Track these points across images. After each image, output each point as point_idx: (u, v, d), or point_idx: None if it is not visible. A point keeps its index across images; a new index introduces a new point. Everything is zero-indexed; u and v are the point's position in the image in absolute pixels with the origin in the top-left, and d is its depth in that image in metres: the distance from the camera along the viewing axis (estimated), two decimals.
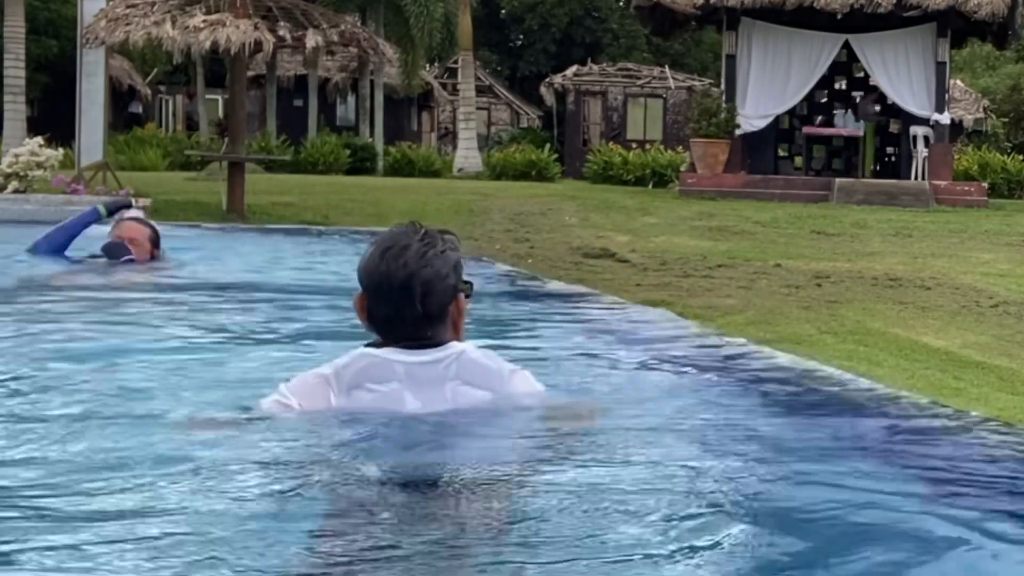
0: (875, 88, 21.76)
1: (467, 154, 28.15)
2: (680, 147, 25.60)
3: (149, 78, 35.98)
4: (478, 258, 8.37)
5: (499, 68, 44.92)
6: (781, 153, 23.32)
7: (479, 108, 33.43)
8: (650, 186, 22.93)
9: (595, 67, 35.21)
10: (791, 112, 22.07)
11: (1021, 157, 24.53)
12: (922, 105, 20.69)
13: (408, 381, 2.63)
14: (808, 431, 2.89)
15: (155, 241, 7.08)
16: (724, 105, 20.87)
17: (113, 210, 7.31)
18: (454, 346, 2.70)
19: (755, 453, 2.55)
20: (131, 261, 6.78)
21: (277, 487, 2.26)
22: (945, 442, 2.80)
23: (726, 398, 3.29)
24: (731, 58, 21.20)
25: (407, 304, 2.64)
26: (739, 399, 3.28)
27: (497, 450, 2.58)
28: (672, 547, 1.91)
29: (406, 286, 2.63)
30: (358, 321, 2.73)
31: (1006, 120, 36.88)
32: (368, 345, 2.72)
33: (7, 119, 19.30)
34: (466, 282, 2.76)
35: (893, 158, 22.54)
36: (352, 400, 2.63)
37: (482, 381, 2.70)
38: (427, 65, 36.50)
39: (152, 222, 7.42)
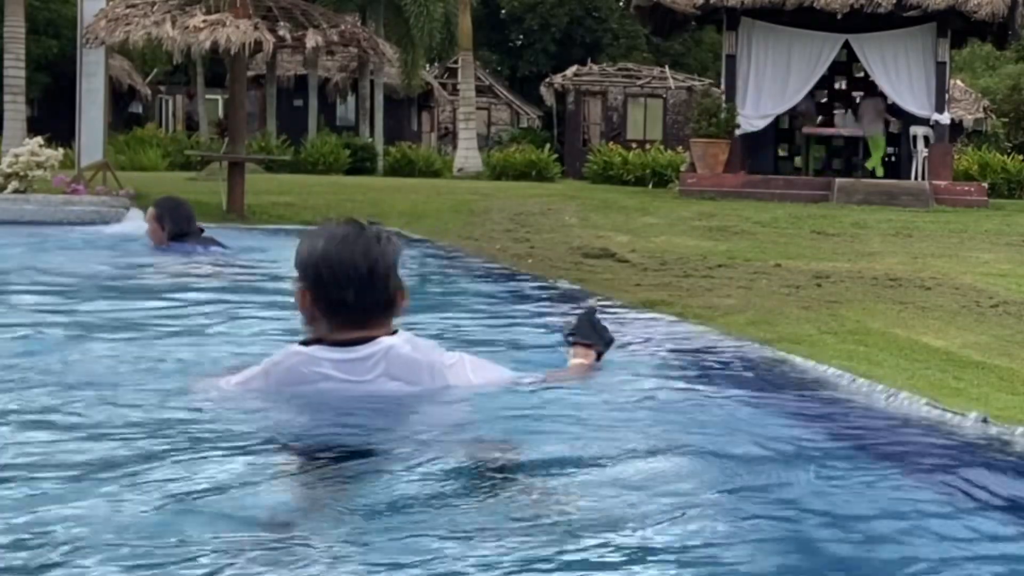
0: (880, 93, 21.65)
1: (467, 154, 28.15)
2: (680, 147, 25.61)
3: (149, 78, 35.99)
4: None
5: (499, 68, 44.92)
6: (781, 153, 23.34)
7: (479, 108, 33.44)
8: (650, 186, 22.93)
9: (595, 67, 35.23)
10: (791, 112, 22.08)
11: (1021, 157, 24.54)
12: (922, 105, 20.69)
13: (335, 378, 2.70)
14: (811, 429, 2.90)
15: (159, 217, 7.40)
16: (724, 105, 20.86)
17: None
18: (383, 341, 2.75)
19: (756, 452, 2.55)
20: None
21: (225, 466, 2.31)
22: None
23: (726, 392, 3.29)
24: (731, 58, 21.19)
25: (371, 289, 2.73)
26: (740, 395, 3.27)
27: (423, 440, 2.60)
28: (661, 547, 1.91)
29: (372, 270, 2.73)
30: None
31: (1006, 120, 36.88)
32: (301, 343, 2.77)
33: (7, 119, 19.30)
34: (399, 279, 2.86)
35: (893, 158, 22.55)
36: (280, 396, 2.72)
37: (409, 375, 2.76)
38: (427, 65, 36.52)
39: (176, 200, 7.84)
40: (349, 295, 2.71)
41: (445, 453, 2.43)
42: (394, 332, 2.80)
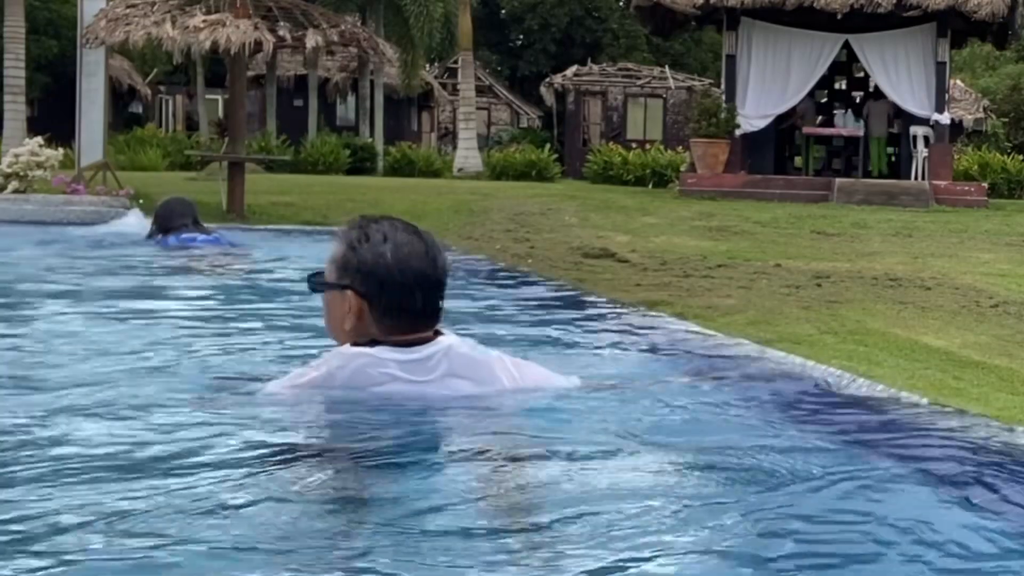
0: (881, 95, 21.63)
1: (467, 154, 28.15)
2: (680, 147, 25.61)
3: (149, 78, 36.00)
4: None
5: (499, 68, 44.92)
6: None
7: (479, 108, 33.44)
8: (650, 186, 22.94)
9: (595, 67, 35.23)
10: (791, 112, 22.08)
11: (1021, 157, 24.53)
12: (922, 105, 20.70)
13: (402, 379, 2.66)
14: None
15: (155, 212, 8.34)
16: (724, 105, 20.87)
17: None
18: (441, 341, 2.72)
19: (755, 451, 2.55)
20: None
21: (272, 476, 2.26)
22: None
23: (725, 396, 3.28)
24: (731, 58, 21.21)
25: (437, 293, 2.71)
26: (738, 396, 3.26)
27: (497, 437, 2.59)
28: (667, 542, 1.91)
29: (440, 275, 2.72)
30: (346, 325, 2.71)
31: (1006, 120, 36.89)
32: (355, 344, 2.70)
33: (7, 119, 19.29)
34: None
35: (893, 158, 22.56)
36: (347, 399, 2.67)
37: (470, 373, 2.74)
38: (427, 65, 36.51)
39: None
40: (418, 301, 2.68)
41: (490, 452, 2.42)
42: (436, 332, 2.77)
